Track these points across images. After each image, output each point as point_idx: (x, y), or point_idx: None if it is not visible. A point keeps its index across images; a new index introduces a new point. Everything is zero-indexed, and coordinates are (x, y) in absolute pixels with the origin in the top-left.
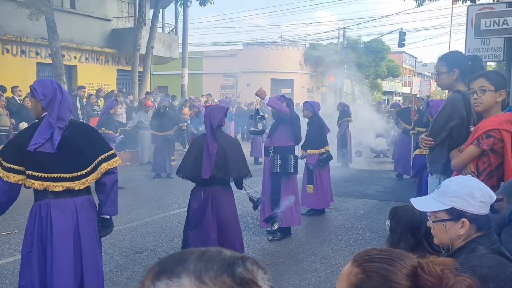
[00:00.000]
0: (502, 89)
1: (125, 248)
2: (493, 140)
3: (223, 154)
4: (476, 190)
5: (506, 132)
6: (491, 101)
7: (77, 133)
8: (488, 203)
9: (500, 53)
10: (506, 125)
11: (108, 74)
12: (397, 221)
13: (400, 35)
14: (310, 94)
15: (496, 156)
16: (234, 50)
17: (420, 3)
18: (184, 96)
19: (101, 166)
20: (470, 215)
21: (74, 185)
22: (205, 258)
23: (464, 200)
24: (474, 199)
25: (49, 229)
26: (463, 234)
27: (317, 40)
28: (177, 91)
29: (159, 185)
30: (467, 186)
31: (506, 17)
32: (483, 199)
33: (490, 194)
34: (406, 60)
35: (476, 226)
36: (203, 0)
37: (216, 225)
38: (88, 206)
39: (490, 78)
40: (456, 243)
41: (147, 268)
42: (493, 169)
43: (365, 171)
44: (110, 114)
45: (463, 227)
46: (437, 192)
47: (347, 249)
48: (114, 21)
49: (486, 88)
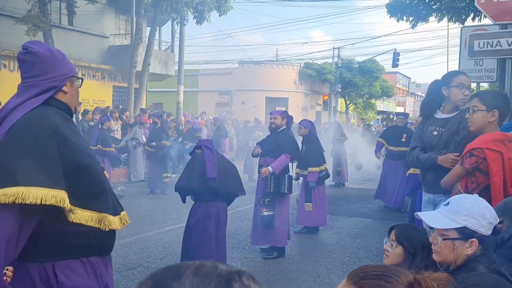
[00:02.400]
0: (495, 109)
1: (118, 264)
2: (476, 159)
3: (223, 168)
4: (487, 211)
5: (491, 152)
6: (481, 121)
7: None
8: (493, 225)
9: (493, 74)
10: (493, 144)
11: (104, 90)
12: (411, 242)
13: (394, 56)
14: (304, 113)
15: (483, 176)
16: (229, 68)
17: (414, 24)
18: (179, 114)
19: None
20: (480, 235)
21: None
22: (201, 273)
23: (476, 220)
24: (485, 220)
25: None
26: (470, 254)
27: (312, 59)
28: (172, 108)
29: (153, 201)
30: (479, 206)
31: (499, 39)
32: (492, 220)
33: (496, 216)
34: (400, 80)
35: (482, 247)
36: (199, 18)
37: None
38: None
39: (483, 98)
40: (460, 262)
41: (139, 282)
42: (482, 189)
43: (359, 190)
44: (104, 130)
45: (471, 247)
46: (447, 209)
47: (340, 267)
48: (111, 38)
49: (477, 108)
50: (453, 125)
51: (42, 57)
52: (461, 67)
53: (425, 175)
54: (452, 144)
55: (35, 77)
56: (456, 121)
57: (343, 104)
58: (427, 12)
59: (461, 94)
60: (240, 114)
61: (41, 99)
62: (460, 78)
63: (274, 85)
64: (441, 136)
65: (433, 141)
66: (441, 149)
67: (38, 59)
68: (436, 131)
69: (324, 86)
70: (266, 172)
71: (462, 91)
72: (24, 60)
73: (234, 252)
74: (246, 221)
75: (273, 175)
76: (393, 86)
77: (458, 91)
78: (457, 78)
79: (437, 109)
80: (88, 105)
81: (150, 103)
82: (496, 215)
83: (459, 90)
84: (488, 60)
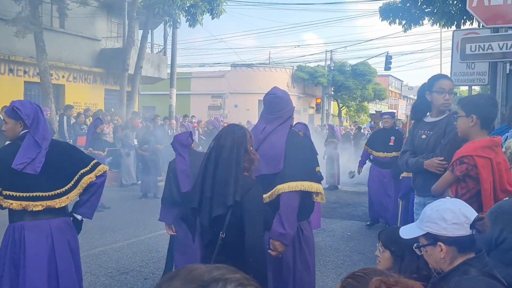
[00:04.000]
0: (473, 114)
1: (111, 268)
2: (466, 167)
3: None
4: (447, 213)
5: (481, 159)
6: (464, 127)
7: (55, 151)
8: (465, 224)
9: (485, 77)
10: (482, 151)
11: (96, 93)
12: (398, 246)
13: (387, 59)
14: (297, 116)
15: (473, 182)
16: (222, 71)
17: (406, 28)
18: (171, 117)
19: (82, 181)
20: (446, 238)
21: (54, 203)
22: (187, 277)
23: (436, 224)
24: (446, 222)
25: (22, 253)
26: (444, 258)
27: (305, 62)
28: (164, 111)
29: (146, 205)
30: (438, 210)
31: (491, 42)
32: (456, 221)
33: (465, 214)
34: (392, 83)
35: (456, 248)
36: (192, 21)
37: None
38: (64, 228)
39: (462, 104)
40: (444, 266)
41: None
42: (472, 194)
43: (352, 193)
44: (97, 134)
45: (442, 251)
46: (419, 218)
47: (334, 270)
48: (103, 41)
49: (459, 114)
50: (440, 128)
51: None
52: (453, 70)
53: (415, 178)
54: (438, 148)
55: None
56: (444, 124)
57: (336, 107)
58: (419, 16)
59: (441, 99)
60: (233, 117)
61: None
62: (441, 83)
63: (267, 88)
64: (429, 140)
65: (422, 145)
66: (429, 152)
67: (280, 100)
68: (424, 134)
69: (316, 89)
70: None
71: (442, 96)
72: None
73: None
74: None
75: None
76: (385, 89)
77: (438, 96)
78: (438, 83)
79: (427, 112)
80: (80, 109)
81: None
82: (466, 214)
83: (439, 95)
84: (479, 64)
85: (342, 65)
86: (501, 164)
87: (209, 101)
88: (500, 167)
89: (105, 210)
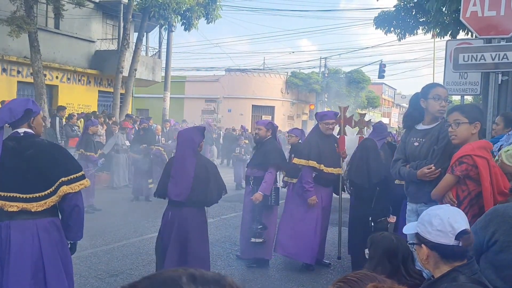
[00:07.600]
0: (477, 121)
1: (101, 271)
2: (466, 166)
3: (200, 176)
4: (435, 219)
5: (479, 158)
6: (465, 134)
7: (41, 153)
8: (450, 234)
9: (477, 87)
10: (480, 151)
11: (89, 95)
12: (374, 248)
13: (380, 67)
14: (291, 122)
15: (474, 183)
16: (216, 76)
17: (401, 37)
18: (165, 120)
19: (60, 189)
20: (428, 242)
21: (30, 207)
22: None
23: (424, 226)
24: (432, 227)
25: (7, 252)
26: (427, 260)
27: (299, 69)
28: (158, 114)
29: (137, 208)
30: (430, 214)
31: (484, 53)
32: (440, 228)
33: (452, 225)
34: (386, 91)
35: (438, 254)
36: (187, 25)
37: (180, 247)
38: (51, 229)
39: (464, 111)
40: (429, 267)
41: None
42: (473, 197)
43: (343, 199)
44: (89, 135)
45: (424, 253)
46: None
47: (324, 276)
48: (98, 43)
49: (460, 121)
50: (433, 135)
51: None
52: (446, 79)
53: (408, 186)
54: (430, 154)
55: None
56: (436, 131)
57: None
58: (414, 25)
59: (437, 105)
60: (226, 122)
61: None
62: (437, 90)
63: (260, 93)
64: (422, 147)
65: (414, 152)
66: (422, 159)
67: None
68: (417, 141)
69: (310, 96)
70: (259, 198)
71: (438, 102)
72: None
73: (218, 261)
74: (230, 229)
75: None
76: (378, 97)
77: (434, 102)
78: (434, 90)
79: (420, 121)
80: (73, 110)
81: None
82: (453, 225)
83: (435, 102)
84: (472, 74)
85: (336, 72)
86: (496, 167)
87: (203, 105)
88: (496, 169)
89: (96, 212)
